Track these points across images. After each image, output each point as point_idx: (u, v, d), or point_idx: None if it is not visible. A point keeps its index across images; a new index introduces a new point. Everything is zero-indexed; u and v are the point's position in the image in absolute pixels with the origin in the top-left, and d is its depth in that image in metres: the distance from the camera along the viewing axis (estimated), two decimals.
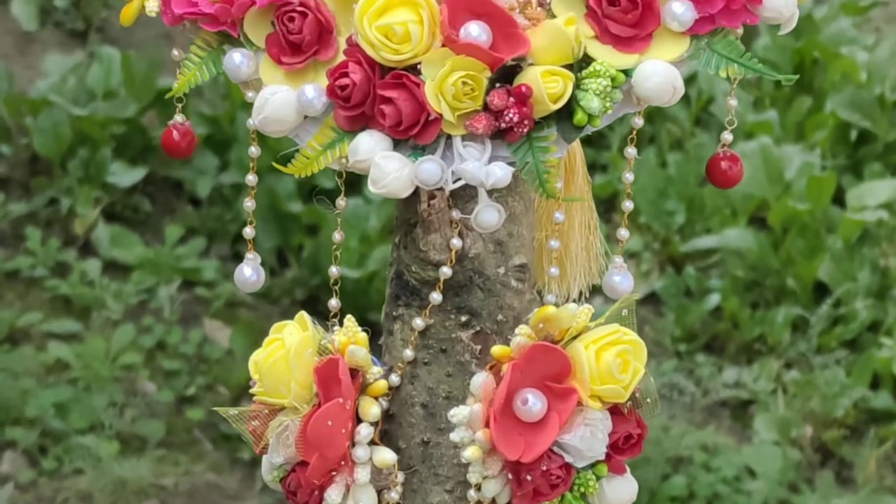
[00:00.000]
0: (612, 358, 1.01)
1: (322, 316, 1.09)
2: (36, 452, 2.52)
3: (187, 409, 2.66)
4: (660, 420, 2.66)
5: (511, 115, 0.99)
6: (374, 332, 1.07)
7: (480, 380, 1.01)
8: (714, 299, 2.87)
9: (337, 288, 1.06)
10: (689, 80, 3.11)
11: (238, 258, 3.01)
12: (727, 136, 1.05)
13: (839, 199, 3.02)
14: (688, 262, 2.98)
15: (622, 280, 1.04)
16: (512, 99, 0.99)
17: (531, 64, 1.00)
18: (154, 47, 3.11)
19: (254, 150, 1.07)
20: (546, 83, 0.99)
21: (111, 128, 3.06)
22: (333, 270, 1.06)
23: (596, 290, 1.13)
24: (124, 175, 3.01)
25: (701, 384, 2.76)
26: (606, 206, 3.07)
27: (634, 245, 2.97)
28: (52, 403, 2.57)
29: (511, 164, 1.01)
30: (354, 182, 1.12)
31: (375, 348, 1.08)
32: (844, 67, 3.24)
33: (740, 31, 1.02)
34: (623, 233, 1.05)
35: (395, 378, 1.05)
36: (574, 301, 1.12)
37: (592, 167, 3.10)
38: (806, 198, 2.96)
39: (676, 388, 2.74)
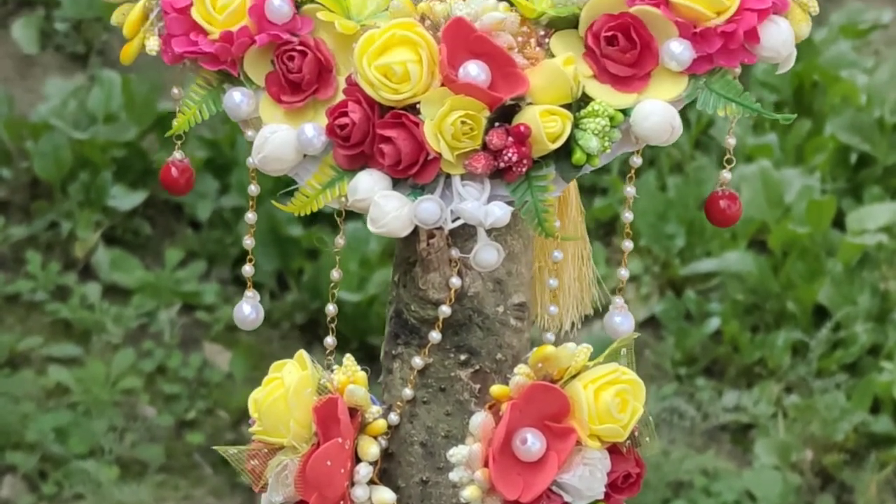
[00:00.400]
0: (610, 397, 1.01)
1: (322, 340, 1.09)
2: (36, 477, 2.52)
3: (187, 434, 2.66)
4: (660, 445, 2.66)
5: (510, 155, 0.99)
6: (375, 357, 1.07)
7: (479, 419, 1.02)
8: (714, 323, 2.87)
9: (333, 326, 1.06)
10: (689, 103, 3.11)
11: (238, 281, 3.03)
12: (726, 175, 1.05)
13: (839, 223, 3.03)
14: (688, 286, 2.98)
15: (623, 321, 1.05)
16: (511, 138, 0.99)
17: (530, 103, 1.01)
18: (154, 71, 3.12)
19: (253, 189, 1.07)
20: (545, 123, 1.00)
21: (112, 151, 3.07)
22: (330, 308, 1.07)
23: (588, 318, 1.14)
24: (125, 198, 3.01)
25: (701, 408, 2.76)
26: (606, 228, 3.08)
27: (634, 268, 2.97)
28: (52, 428, 2.57)
29: (510, 203, 1.01)
30: None
31: (375, 369, 1.09)
32: (844, 90, 3.24)
33: (738, 70, 1.02)
34: (623, 272, 1.05)
35: (394, 417, 1.05)
36: (566, 331, 1.12)
37: (592, 191, 3.10)
38: (806, 221, 2.97)
39: (677, 412, 2.74)
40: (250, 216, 1.07)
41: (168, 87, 3.14)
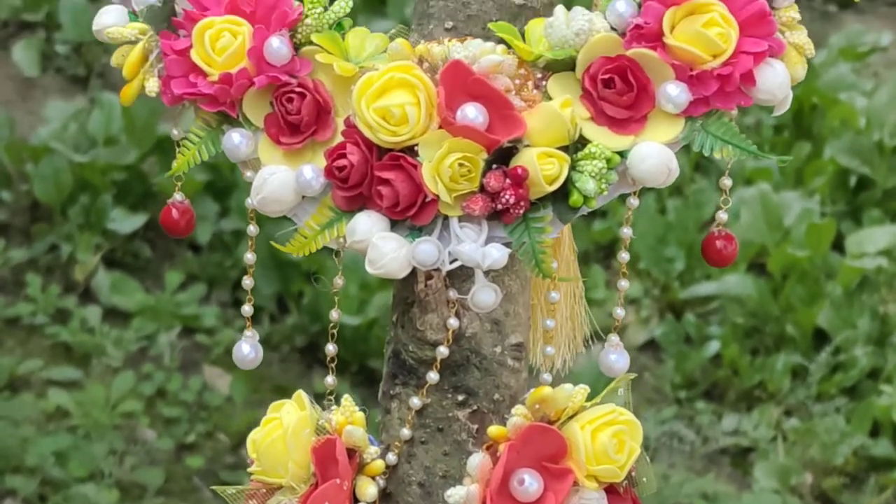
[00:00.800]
0: (607, 438, 1.02)
1: (322, 363, 1.10)
2: (36, 501, 2.52)
3: (187, 457, 2.66)
4: (660, 468, 2.66)
5: (507, 197, 1.00)
6: (374, 381, 1.07)
7: (477, 460, 1.02)
8: (714, 346, 2.87)
9: (333, 366, 1.06)
10: None
11: (238, 305, 3.03)
12: (722, 216, 1.06)
13: (838, 246, 3.03)
14: (687, 309, 2.98)
15: (618, 359, 1.05)
16: (508, 181, 1.00)
17: (527, 145, 1.01)
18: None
19: (252, 229, 1.08)
20: (542, 165, 1.00)
21: (112, 174, 3.07)
22: (331, 348, 1.07)
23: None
24: (125, 221, 3.02)
25: (701, 432, 2.76)
26: (606, 251, 3.08)
27: (634, 291, 2.98)
28: (51, 451, 2.57)
29: (507, 244, 1.01)
30: None
31: (375, 392, 1.09)
32: (843, 113, 3.25)
33: (735, 112, 1.03)
34: (619, 311, 1.06)
35: (392, 457, 1.05)
36: (558, 370, 1.13)
37: (592, 213, 3.11)
38: (805, 244, 2.97)
39: (676, 436, 2.74)
40: (249, 256, 1.08)
41: (167, 111, 3.14)
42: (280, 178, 1.04)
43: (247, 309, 1.09)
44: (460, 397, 1.05)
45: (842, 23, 3.67)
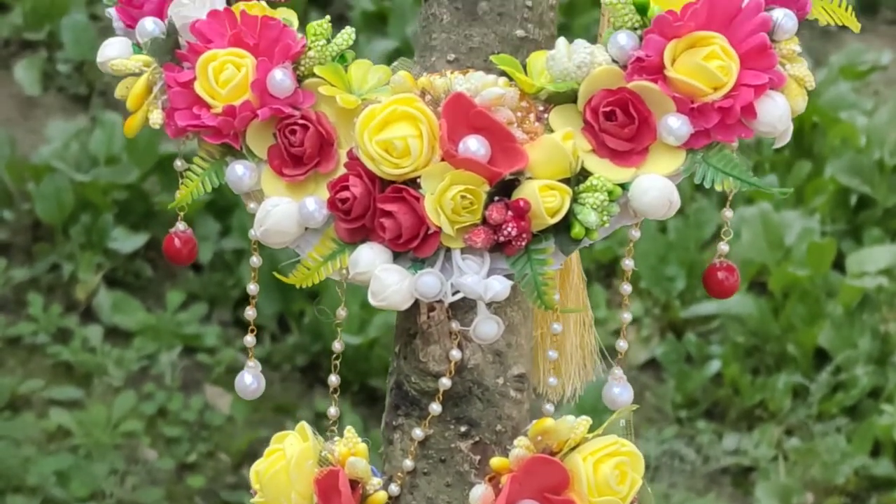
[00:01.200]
0: (609, 469, 1.02)
1: (323, 383, 1.10)
2: None
3: (188, 477, 2.66)
4: (661, 488, 2.67)
5: (509, 229, 1.00)
6: (375, 399, 1.07)
7: (480, 491, 1.02)
8: (715, 365, 2.87)
9: (336, 396, 1.07)
10: None
11: (239, 324, 3.03)
12: (723, 248, 1.06)
13: (839, 265, 3.03)
14: (688, 328, 2.98)
15: (622, 391, 1.05)
16: (510, 213, 1.00)
17: (529, 178, 1.02)
18: None
19: (255, 260, 1.08)
20: (544, 197, 1.01)
21: (113, 193, 3.08)
22: (333, 379, 1.07)
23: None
24: (126, 241, 3.02)
25: (702, 451, 2.76)
26: (607, 270, 3.09)
27: (635, 311, 2.98)
28: (53, 471, 2.58)
29: (509, 276, 1.02)
30: None
31: (376, 412, 1.09)
32: (844, 132, 3.25)
33: (735, 144, 1.03)
34: (622, 344, 1.06)
35: (394, 488, 1.06)
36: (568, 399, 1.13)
37: None
38: (806, 264, 2.97)
39: (677, 455, 2.74)
40: (252, 287, 1.08)
41: None
42: (283, 209, 1.04)
43: (249, 339, 1.10)
44: (463, 428, 1.05)
45: (842, 41, 3.68)
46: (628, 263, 1.05)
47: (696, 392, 2.85)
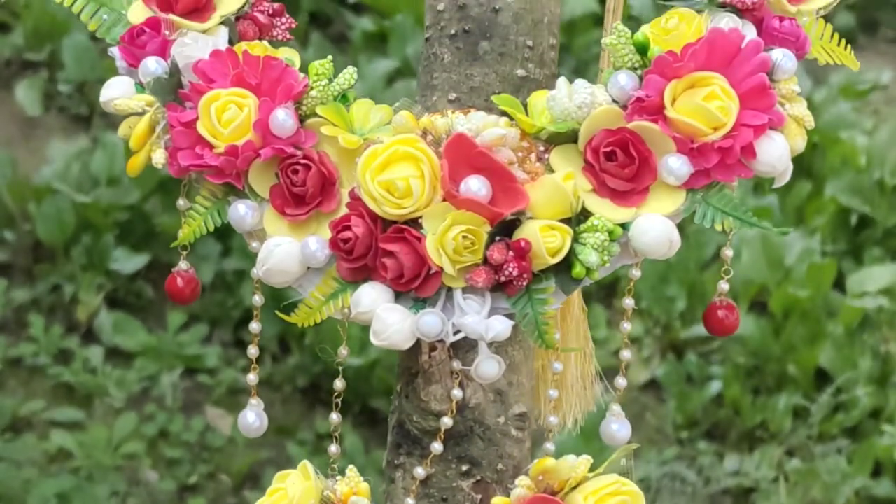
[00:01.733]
0: None
1: (324, 403, 1.10)
2: None
3: (189, 498, 2.66)
4: None
5: (510, 269, 1.01)
6: (377, 421, 1.08)
7: None
8: (715, 386, 2.88)
9: (337, 435, 1.07)
10: None
11: (240, 344, 3.04)
12: (723, 287, 1.06)
13: (839, 285, 3.04)
14: (689, 349, 2.99)
15: (620, 428, 1.05)
16: (511, 253, 1.01)
17: (530, 217, 1.02)
18: None
19: (257, 299, 1.08)
20: (545, 237, 1.01)
21: (114, 214, 3.08)
22: (334, 417, 1.07)
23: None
24: (127, 261, 3.03)
25: (702, 472, 2.76)
26: (608, 290, 3.09)
27: (635, 331, 2.98)
28: (54, 493, 2.58)
29: (510, 315, 1.02)
30: None
31: (377, 434, 1.10)
32: (844, 152, 3.26)
33: (735, 184, 1.04)
34: (621, 381, 1.06)
35: None
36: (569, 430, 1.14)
37: None
38: (806, 284, 2.98)
39: (678, 477, 2.74)
40: (254, 325, 1.09)
41: None
42: (285, 249, 1.05)
43: (252, 378, 1.10)
44: (464, 467, 1.05)
45: None
46: (629, 303, 1.06)
47: (696, 413, 2.85)
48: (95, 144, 3.24)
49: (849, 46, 1.08)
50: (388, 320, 1.02)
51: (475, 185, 1.01)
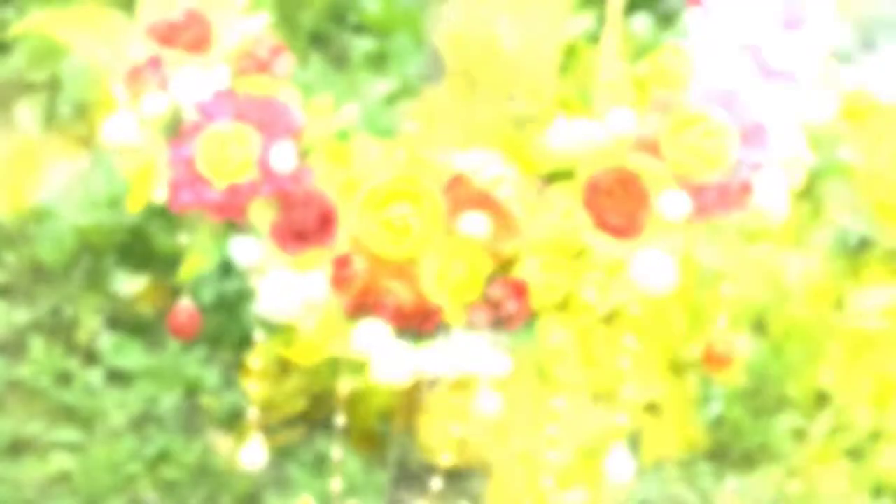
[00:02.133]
0: None
1: (324, 425, 1.10)
2: None
3: None
4: None
5: (510, 306, 1.01)
6: (376, 441, 1.08)
7: None
8: (716, 407, 2.87)
9: (338, 478, 1.07)
10: None
11: (241, 366, 3.03)
12: (721, 326, 1.07)
13: (839, 306, 3.03)
14: (689, 369, 2.98)
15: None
16: (511, 290, 1.01)
17: (530, 255, 1.02)
18: None
19: (259, 336, 1.09)
20: (544, 274, 1.01)
21: (114, 236, 3.08)
22: (336, 454, 1.08)
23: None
24: (127, 283, 3.03)
25: (703, 494, 2.76)
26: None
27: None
28: None
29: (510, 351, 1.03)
30: None
31: (380, 455, 1.10)
32: (843, 172, 3.25)
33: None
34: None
35: None
36: None
37: None
38: (806, 305, 2.98)
39: (678, 499, 2.74)
40: (256, 362, 1.09)
41: None
42: (286, 284, 1.05)
43: (253, 412, 1.10)
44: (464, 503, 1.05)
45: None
46: (629, 342, 1.06)
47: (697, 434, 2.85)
48: (95, 165, 3.24)
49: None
50: (388, 357, 1.02)
51: (474, 223, 1.02)
